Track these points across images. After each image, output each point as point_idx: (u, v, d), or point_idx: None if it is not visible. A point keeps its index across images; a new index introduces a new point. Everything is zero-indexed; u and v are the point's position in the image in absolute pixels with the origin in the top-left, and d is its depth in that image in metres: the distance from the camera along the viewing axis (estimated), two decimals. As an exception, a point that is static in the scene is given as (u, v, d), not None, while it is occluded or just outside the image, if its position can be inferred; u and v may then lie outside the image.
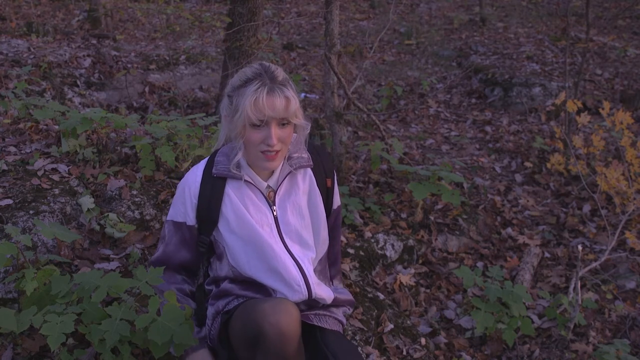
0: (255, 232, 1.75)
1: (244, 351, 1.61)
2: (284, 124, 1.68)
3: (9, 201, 2.31)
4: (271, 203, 1.80)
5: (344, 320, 1.94)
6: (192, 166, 2.75)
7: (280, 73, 1.69)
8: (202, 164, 1.84)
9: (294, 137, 1.78)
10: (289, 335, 1.53)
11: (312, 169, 1.86)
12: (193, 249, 1.85)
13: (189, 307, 1.73)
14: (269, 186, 1.81)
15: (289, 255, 1.77)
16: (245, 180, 1.77)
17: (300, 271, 1.76)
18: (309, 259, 1.82)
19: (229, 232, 1.77)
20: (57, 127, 3.01)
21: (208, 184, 1.78)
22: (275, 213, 1.80)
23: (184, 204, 1.80)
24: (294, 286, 1.74)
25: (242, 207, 1.76)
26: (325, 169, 1.90)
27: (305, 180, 1.85)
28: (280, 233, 1.80)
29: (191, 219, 1.81)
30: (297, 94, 1.70)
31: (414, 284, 3.09)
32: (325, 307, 1.86)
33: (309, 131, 1.82)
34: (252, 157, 1.73)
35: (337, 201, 1.96)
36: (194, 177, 1.81)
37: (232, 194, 1.78)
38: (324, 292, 1.82)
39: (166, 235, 1.85)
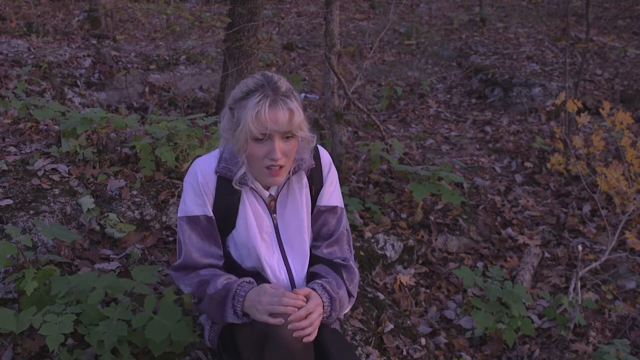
0: (253, 241, 1.72)
1: (251, 351, 1.60)
2: (287, 137, 1.60)
3: (9, 201, 2.31)
4: (271, 211, 1.77)
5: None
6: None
7: (284, 83, 1.61)
8: (213, 160, 1.74)
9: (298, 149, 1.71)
10: None
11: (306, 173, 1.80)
12: (219, 245, 1.76)
13: (188, 296, 1.69)
14: (270, 195, 1.77)
15: (284, 265, 1.76)
16: (250, 187, 1.73)
17: (291, 281, 1.76)
18: (306, 267, 1.80)
19: (237, 235, 1.75)
20: (57, 127, 3.01)
21: (224, 182, 1.72)
22: (275, 221, 1.77)
23: (200, 195, 1.70)
24: None
25: (251, 214, 1.73)
26: (313, 178, 1.82)
27: (301, 184, 1.79)
28: (280, 241, 1.78)
29: (210, 211, 1.72)
30: (301, 105, 1.63)
31: (414, 284, 3.09)
32: None
33: (314, 144, 1.75)
34: (256, 172, 1.67)
35: (325, 200, 1.83)
36: (207, 168, 1.72)
37: (246, 199, 1.73)
38: None
39: (184, 236, 1.73)
